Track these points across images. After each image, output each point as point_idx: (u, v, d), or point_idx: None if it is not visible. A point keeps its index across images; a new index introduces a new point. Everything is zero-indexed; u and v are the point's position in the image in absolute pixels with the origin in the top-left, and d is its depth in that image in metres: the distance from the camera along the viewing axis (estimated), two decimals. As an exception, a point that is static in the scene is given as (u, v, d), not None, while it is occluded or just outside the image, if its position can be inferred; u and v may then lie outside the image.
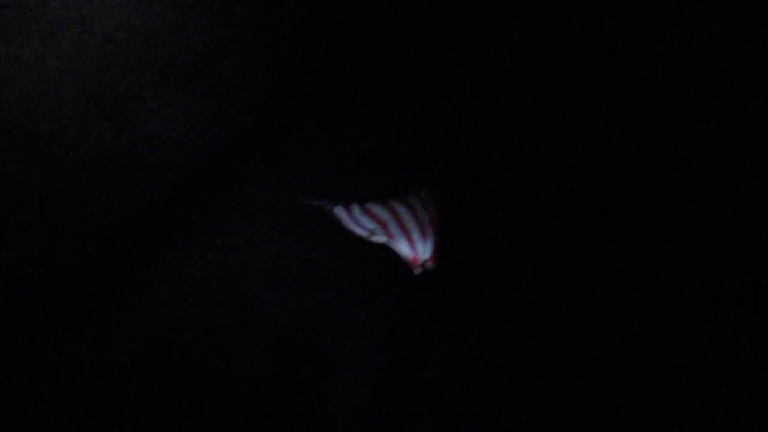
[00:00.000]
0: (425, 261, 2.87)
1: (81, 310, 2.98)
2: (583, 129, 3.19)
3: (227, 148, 3.09)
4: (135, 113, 3.07)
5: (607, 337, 3.08)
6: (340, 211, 2.98)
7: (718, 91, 3.20)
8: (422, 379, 3.04)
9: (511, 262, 3.10)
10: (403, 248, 2.88)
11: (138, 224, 3.03)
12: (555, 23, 3.21)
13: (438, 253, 2.94)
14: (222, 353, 3.00)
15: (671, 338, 3.08)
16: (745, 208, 3.13)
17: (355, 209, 2.96)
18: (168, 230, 3.04)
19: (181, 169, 3.07)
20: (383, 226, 2.88)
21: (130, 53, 3.08)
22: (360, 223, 2.94)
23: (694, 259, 3.13)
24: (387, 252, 2.97)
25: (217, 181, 3.08)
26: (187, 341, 2.99)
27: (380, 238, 2.92)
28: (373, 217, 2.91)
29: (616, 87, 3.21)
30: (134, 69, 3.08)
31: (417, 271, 2.87)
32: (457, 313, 3.08)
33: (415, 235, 2.86)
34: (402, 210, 2.89)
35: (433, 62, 3.20)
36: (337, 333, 3.06)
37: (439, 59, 3.20)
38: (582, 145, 3.17)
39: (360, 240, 2.98)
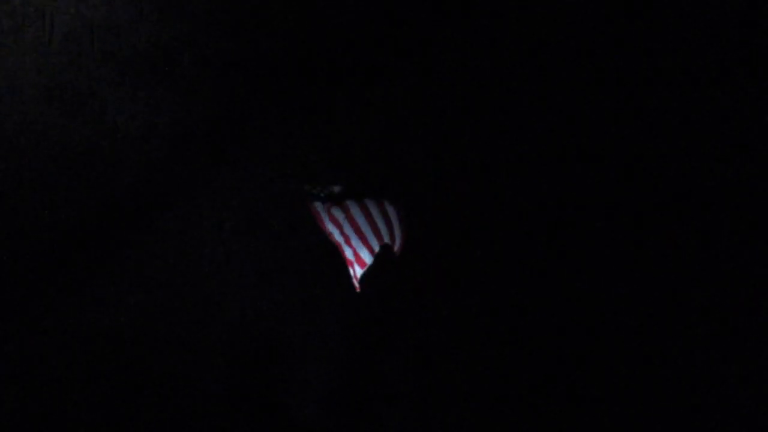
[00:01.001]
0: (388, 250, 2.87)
1: (38, 305, 3.00)
2: (561, 131, 3.21)
3: (189, 143, 3.11)
4: (97, 108, 3.09)
5: (571, 341, 3.11)
6: (318, 206, 2.99)
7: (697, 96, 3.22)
8: (384, 373, 3.08)
9: (476, 264, 3.13)
10: (352, 253, 2.89)
11: (99, 219, 3.06)
12: (527, 23, 3.24)
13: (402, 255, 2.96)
14: (181, 346, 3.03)
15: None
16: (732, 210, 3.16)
17: (332, 207, 2.96)
18: (129, 225, 3.06)
19: (143, 164, 3.09)
20: (339, 228, 2.90)
21: (92, 49, 3.09)
22: (328, 221, 2.96)
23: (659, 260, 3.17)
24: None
25: (179, 176, 3.10)
26: (145, 335, 3.02)
27: (346, 250, 2.92)
28: (332, 219, 2.93)
29: (589, 88, 3.23)
30: (96, 64, 3.09)
31: (358, 281, 2.87)
32: (419, 309, 3.11)
33: (370, 242, 2.86)
34: (356, 213, 2.90)
35: (409, 58, 3.21)
36: (299, 327, 3.09)
37: (416, 55, 3.22)
38: (560, 147, 3.20)
39: (324, 236, 3.01)
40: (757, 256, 3.12)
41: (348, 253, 2.88)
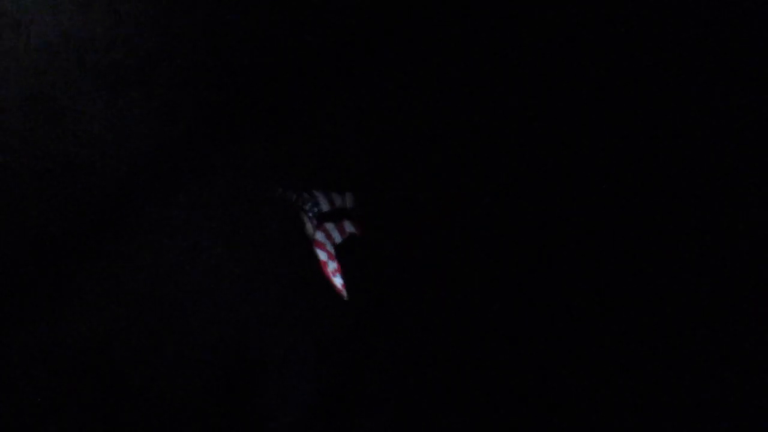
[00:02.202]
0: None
1: (11, 315, 2.99)
2: (551, 133, 3.22)
3: (166, 154, 3.12)
4: (74, 119, 3.09)
5: (558, 345, 3.11)
6: (305, 218, 3.01)
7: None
8: (365, 387, 3.08)
9: (448, 269, 3.14)
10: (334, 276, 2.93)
11: (75, 229, 3.06)
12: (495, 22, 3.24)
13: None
14: (159, 357, 3.03)
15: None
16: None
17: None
18: (106, 235, 3.07)
19: (120, 174, 3.09)
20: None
21: (68, 59, 3.09)
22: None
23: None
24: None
25: (155, 186, 3.10)
26: (123, 346, 3.02)
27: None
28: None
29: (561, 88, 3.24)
30: (72, 74, 3.09)
31: (342, 294, 2.91)
32: (400, 321, 3.12)
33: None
34: (321, 238, 2.94)
35: (382, 65, 3.22)
36: (278, 340, 3.10)
37: (389, 62, 3.22)
38: (550, 148, 3.20)
39: (304, 248, 3.02)
40: (757, 256, 3.12)
41: (337, 281, 2.93)
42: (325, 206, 3.04)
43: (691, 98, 3.20)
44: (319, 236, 2.97)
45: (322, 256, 2.96)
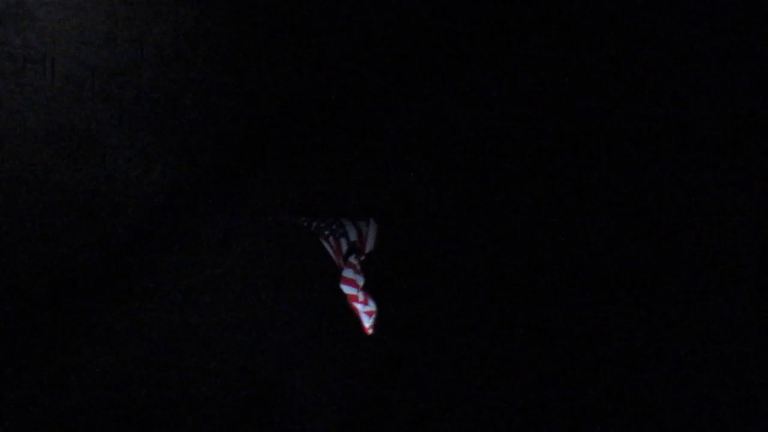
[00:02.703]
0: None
1: (37, 352, 2.99)
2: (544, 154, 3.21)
3: (188, 188, 3.11)
4: (96, 152, 3.08)
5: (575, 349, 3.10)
6: (328, 246, 3.00)
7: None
8: (387, 415, 3.07)
9: (471, 292, 3.13)
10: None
11: (98, 262, 3.05)
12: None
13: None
14: (180, 395, 3.01)
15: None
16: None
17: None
18: (127, 270, 3.06)
19: (143, 207, 3.09)
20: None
21: (92, 92, 3.10)
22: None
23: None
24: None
25: (179, 218, 3.10)
26: (142, 383, 3.01)
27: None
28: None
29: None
30: (95, 108, 3.09)
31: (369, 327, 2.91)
32: (422, 349, 3.11)
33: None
34: (347, 272, 2.93)
35: (401, 101, 3.23)
36: (302, 373, 3.08)
37: (406, 98, 3.23)
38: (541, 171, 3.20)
39: (329, 279, 3.01)
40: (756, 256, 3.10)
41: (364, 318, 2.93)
42: (352, 235, 3.04)
43: (691, 98, 3.19)
44: (348, 272, 2.96)
45: (349, 291, 2.95)
